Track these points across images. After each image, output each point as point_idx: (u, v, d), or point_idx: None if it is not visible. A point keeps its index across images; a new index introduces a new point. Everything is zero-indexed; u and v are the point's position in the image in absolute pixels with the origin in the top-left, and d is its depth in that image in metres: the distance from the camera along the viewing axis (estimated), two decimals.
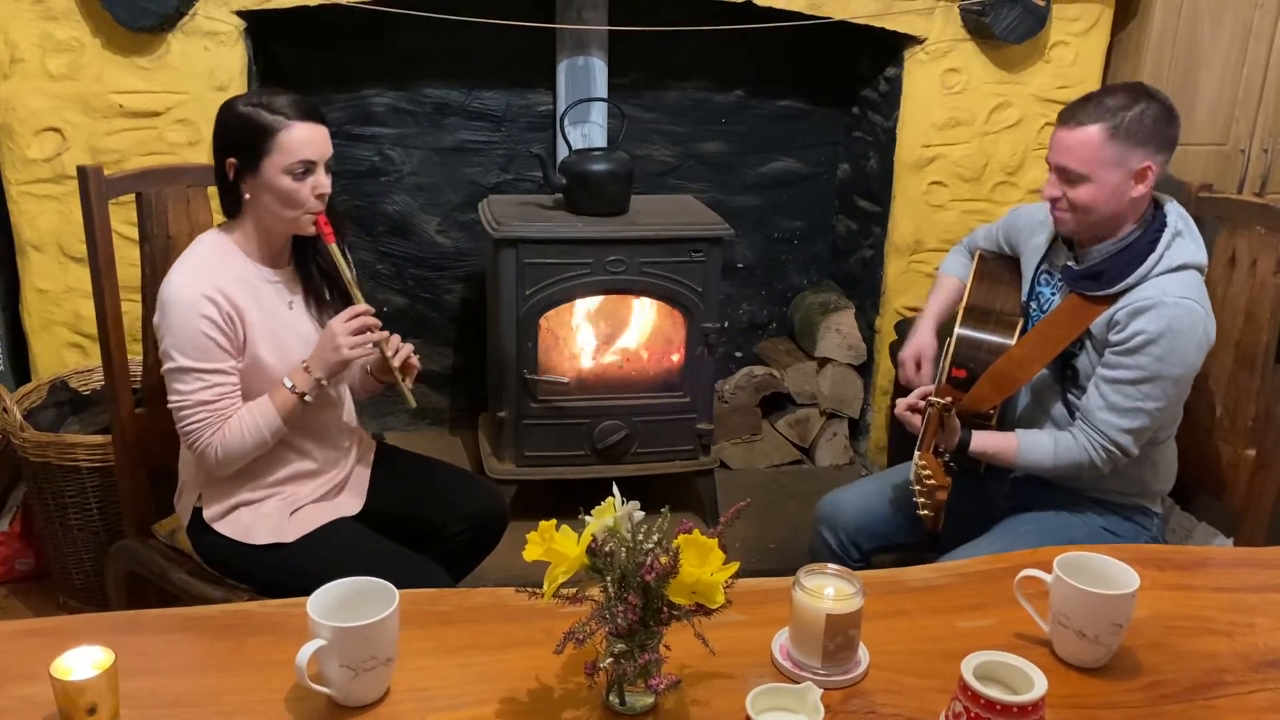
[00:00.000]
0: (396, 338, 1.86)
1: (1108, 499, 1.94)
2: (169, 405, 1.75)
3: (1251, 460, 1.96)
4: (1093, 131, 1.77)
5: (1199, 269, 1.82)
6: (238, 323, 1.75)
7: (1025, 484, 1.96)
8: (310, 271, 1.90)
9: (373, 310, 1.80)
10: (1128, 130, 1.76)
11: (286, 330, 1.83)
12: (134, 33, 2.57)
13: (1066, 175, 1.81)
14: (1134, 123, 1.76)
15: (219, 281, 1.73)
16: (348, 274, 1.83)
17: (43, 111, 2.60)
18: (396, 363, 1.84)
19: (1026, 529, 1.88)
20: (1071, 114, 1.80)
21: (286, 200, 1.74)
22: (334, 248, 1.81)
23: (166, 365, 1.73)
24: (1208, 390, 2.04)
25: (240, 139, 1.73)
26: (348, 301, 1.84)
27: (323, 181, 1.77)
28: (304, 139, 1.73)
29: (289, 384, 1.76)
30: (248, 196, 1.77)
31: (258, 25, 2.76)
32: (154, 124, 2.67)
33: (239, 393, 1.77)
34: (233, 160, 1.75)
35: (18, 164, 2.63)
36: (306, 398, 1.77)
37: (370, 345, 1.79)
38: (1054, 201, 1.85)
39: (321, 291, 1.90)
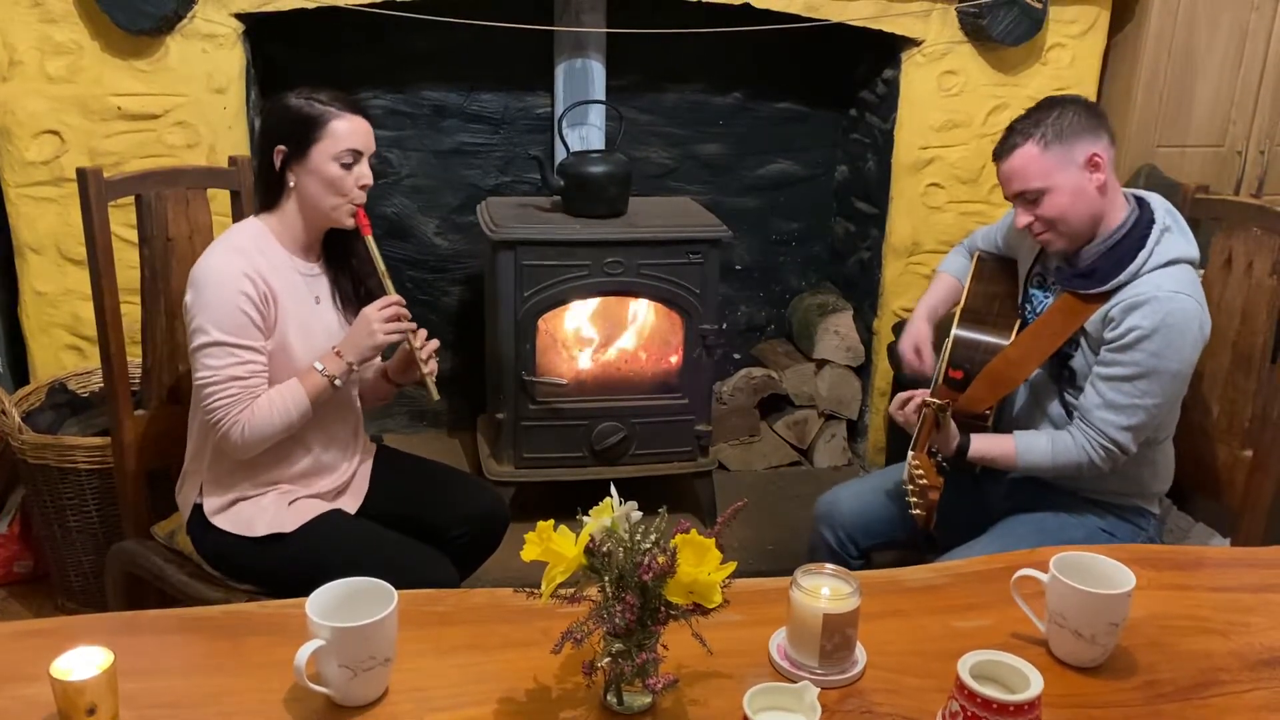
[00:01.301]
0: (424, 332, 1.91)
1: (1105, 500, 1.95)
2: (196, 382, 1.76)
3: (1248, 461, 1.96)
4: (1025, 149, 1.82)
5: (1191, 263, 1.82)
6: (272, 304, 1.78)
7: (1023, 485, 1.97)
8: (338, 268, 1.95)
9: (404, 301, 1.86)
10: (1056, 131, 1.81)
11: (314, 321, 1.87)
12: (133, 35, 2.57)
13: (1027, 198, 1.84)
14: (1056, 124, 1.81)
15: (256, 263, 1.78)
16: (381, 265, 1.88)
17: (41, 114, 2.61)
18: (425, 354, 1.89)
19: (1024, 530, 1.89)
20: (1000, 149, 1.87)
21: (332, 187, 1.80)
22: (370, 240, 1.87)
23: (198, 341, 1.74)
24: (1205, 391, 2.04)
25: (291, 127, 1.79)
26: (372, 298, 1.88)
27: (366, 173, 1.83)
28: (352, 129, 1.80)
29: (320, 367, 1.80)
30: (292, 184, 1.82)
31: (256, 28, 2.76)
32: (153, 126, 2.67)
33: (267, 374, 1.79)
34: (282, 148, 1.80)
35: (16, 166, 2.63)
36: (336, 382, 1.81)
37: (400, 333, 1.85)
38: (1029, 228, 1.88)
39: (347, 289, 1.95)
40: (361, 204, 1.84)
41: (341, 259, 1.94)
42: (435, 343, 1.92)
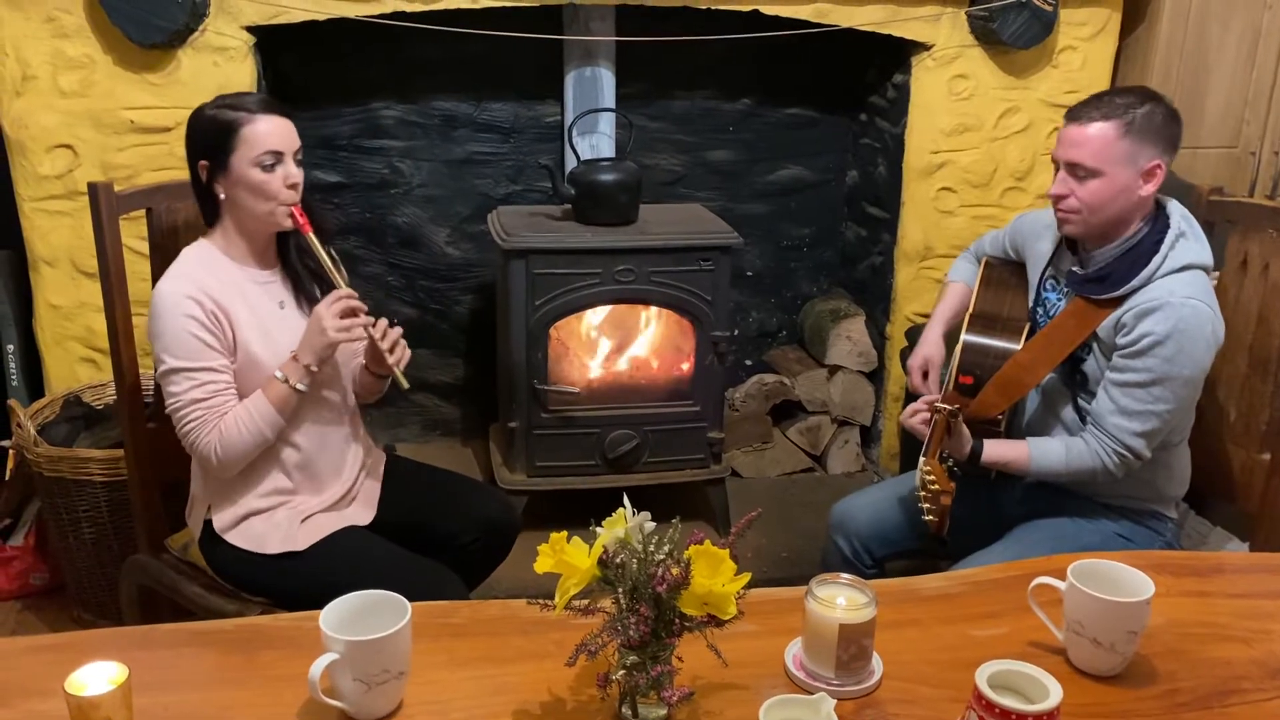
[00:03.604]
0: (384, 321, 1.85)
1: (1122, 504, 1.93)
2: (166, 410, 1.77)
3: (1266, 464, 1.95)
4: (1106, 127, 1.77)
5: (1204, 268, 1.81)
6: (224, 322, 1.77)
7: (1038, 491, 1.95)
8: (299, 271, 1.92)
9: (356, 294, 1.81)
10: (1140, 127, 1.76)
11: (279, 328, 1.85)
12: (144, 49, 2.59)
13: (1077, 171, 1.80)
14: (1145, 120, 1.76)
15: (204, 284, 1.76)
16: (326, 261, 1.84)
17: (54, 128, 2.62)
18: (386, 344, 1.84)
19: (1040, 536, 1.88)
20: (1081, 111, 1.80)
21: (259, 192, 1.77)
22: (310, 237, 1.83)
23: (159, 369, 1.75)
24: (1221, 394, 2.03)
25: (208, 140, 1.78)
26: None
27: (293, 172, 1.80)
28: (268, 130, 1.76)
29: (280, 375, 1.78)
30: (223, 196, 1.80)
31: (267, 40, 2.77)
32: (164, 139, 2.68)
33: (233, 391, 1.78)
34: (204, 163, 1.79)
35: (30, 180, 2.65)
36: (299, 386, 1.78)
37: (358, 330, 1.79)
38: (1059, 200, 1.83)
39: (312, 291, 1.91)
40: (295, 203, 1.80)
41: (298, 261, 1.92)
42: (398, 331, 1.87)
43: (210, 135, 1.77)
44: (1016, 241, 2.12)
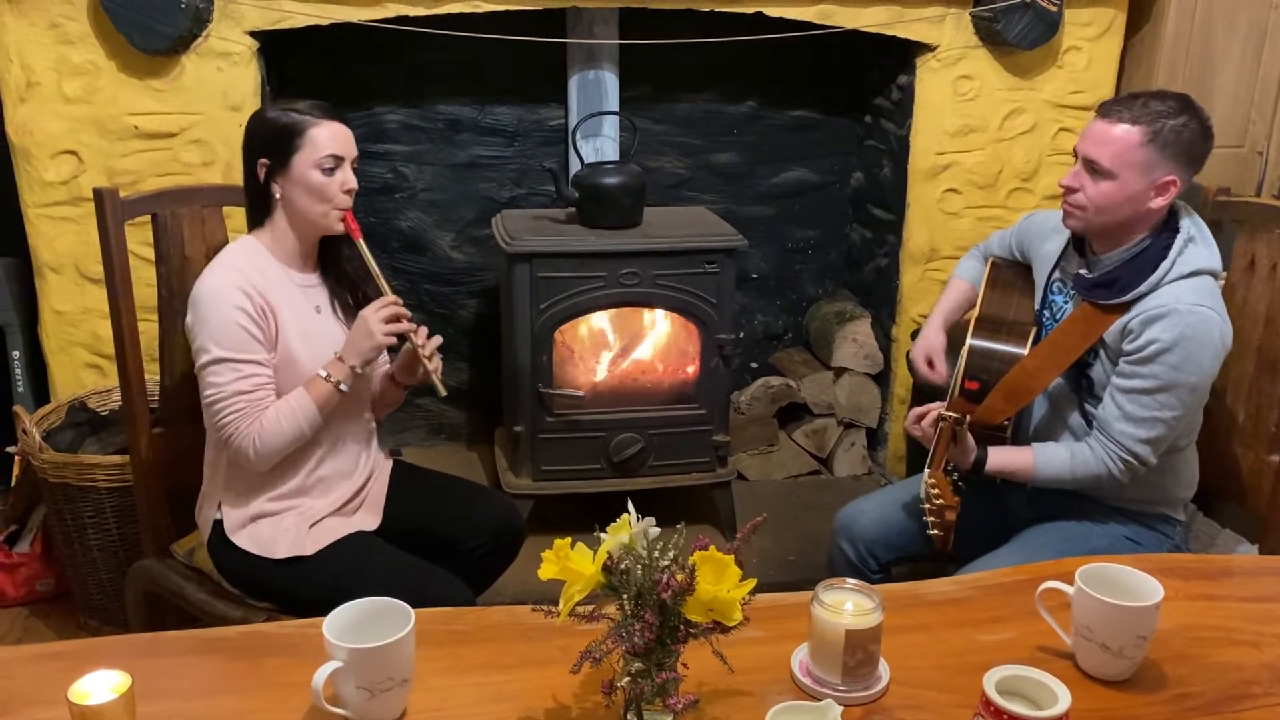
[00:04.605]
0: (424, 329, 1.91)
1: (1129, 507, 1.92)
2: (204, 401, 1.78)
3: (1275, 466, 1.94)
4: (1131, 131, 1.75)
5: (1213, 274, 1.80)
6: (270, 317, 1.79)
7: (1045, 494, 1.94)
8: (336, 277, 1.96)
9: (401, 301, 1.86)
10: (1165, 140, 1.74)
11: (316, 331, 1.88)
12: (148, 55, 2.59)
13: (1092, 168, 1.79)
14: (1173, 133, 1.74)
15: (252, 278, 1.79)
16: (375, 267, 1.89)
17: (59, 134, 2.63)
18: (427, 351, 1.89)
19: (1047, 539, 1.87)
20: (1113, 109, 1.78)
21: (317, 194, 1.81)
22: (361, 243, 1.88)
23: (202, 359, 1.76)
24: (1229, 396, 2.02)
25: (271, 140, 1.81)
26: (371, 302, 1.88)
27: (349, 177, 1.84)
28: (331, 135, 1.82)
29: (324, 374, 1.81)
30: (279, 196, 1.83)
31: (270, 45, 2.78)
32: (169, 145, 2.69)
33: (274, 386, 1.80)
34: (265, 161, 1.82)
35: (35, 187, 2.65)
36: (341, 386, 1.81)
37: (399, 333, 1.84)
38: (1069, 192, 1.82)
39: (345, 297, 1.96)
40: (348, 208, 1.85)
41: (337, 267, 1.95)
42: (438, 339, 1.92)
43: (274, 135, 1.81)
44: (1023, 242, 2.11)
